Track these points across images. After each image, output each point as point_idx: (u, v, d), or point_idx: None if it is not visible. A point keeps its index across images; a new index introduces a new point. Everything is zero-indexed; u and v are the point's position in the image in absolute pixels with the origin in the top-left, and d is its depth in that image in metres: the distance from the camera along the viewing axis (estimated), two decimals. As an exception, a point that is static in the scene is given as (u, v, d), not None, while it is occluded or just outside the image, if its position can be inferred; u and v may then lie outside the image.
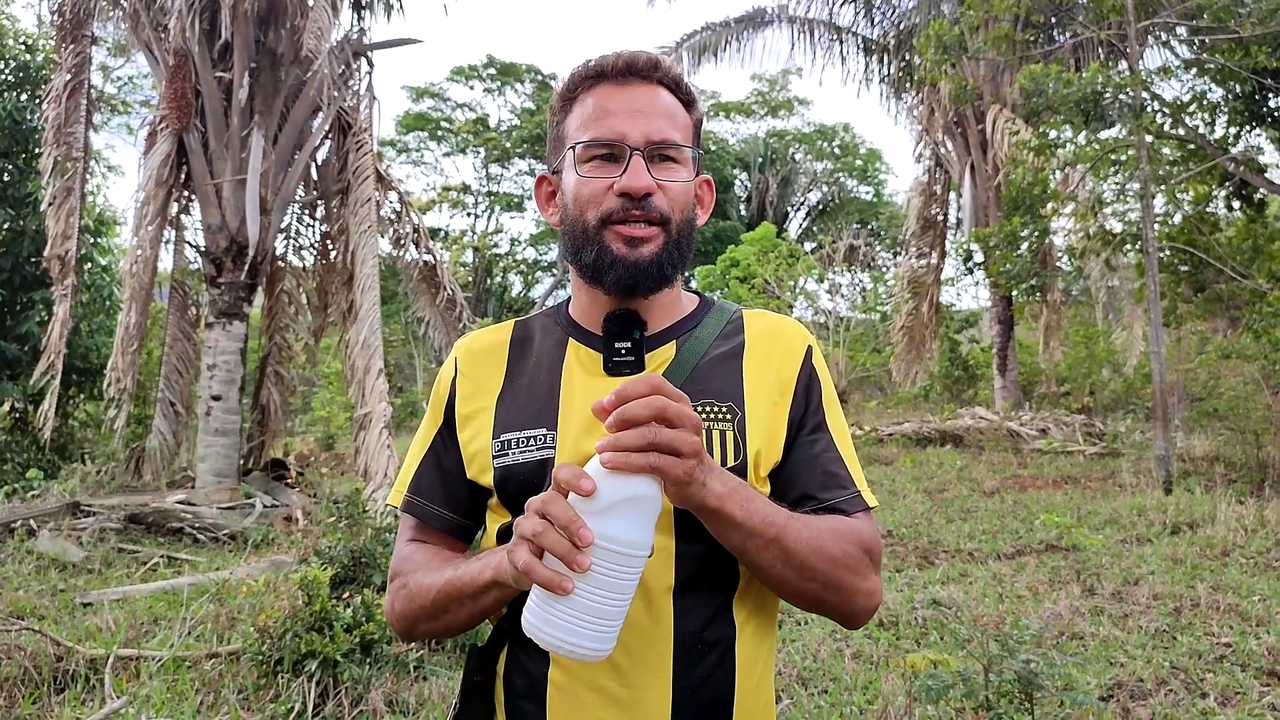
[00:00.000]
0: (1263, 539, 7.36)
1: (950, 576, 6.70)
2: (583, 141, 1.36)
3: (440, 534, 1.48)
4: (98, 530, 8.32)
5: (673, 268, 1.37)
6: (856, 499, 1.38)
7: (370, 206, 10.49)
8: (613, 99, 1.37)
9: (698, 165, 1.44)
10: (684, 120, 1.41)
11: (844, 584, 1.31)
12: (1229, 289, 15.88)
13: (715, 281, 22.83)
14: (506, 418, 1.39)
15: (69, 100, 10.82)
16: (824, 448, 1.40)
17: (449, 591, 1.31)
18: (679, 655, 1.28)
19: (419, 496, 1.48)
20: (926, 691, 3.53)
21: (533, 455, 1.34)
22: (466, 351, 1.49)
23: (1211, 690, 4.38)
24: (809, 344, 1.46)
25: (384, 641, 4.60)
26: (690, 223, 1.40)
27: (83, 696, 4.49)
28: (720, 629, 1.32)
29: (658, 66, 1.39)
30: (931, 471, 12.19)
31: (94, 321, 13.23)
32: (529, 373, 1.43)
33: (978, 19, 13.35)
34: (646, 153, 1.34)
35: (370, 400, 9.59)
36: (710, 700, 1.31)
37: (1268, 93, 13.43)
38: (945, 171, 19.29)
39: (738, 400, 1.37)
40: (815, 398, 1.43)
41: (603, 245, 1.35)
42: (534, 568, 1.08)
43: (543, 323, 1.51)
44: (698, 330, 1.44)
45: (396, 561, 1.47)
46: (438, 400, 1.49)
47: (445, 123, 36.67)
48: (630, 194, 1.33)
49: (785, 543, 1.24)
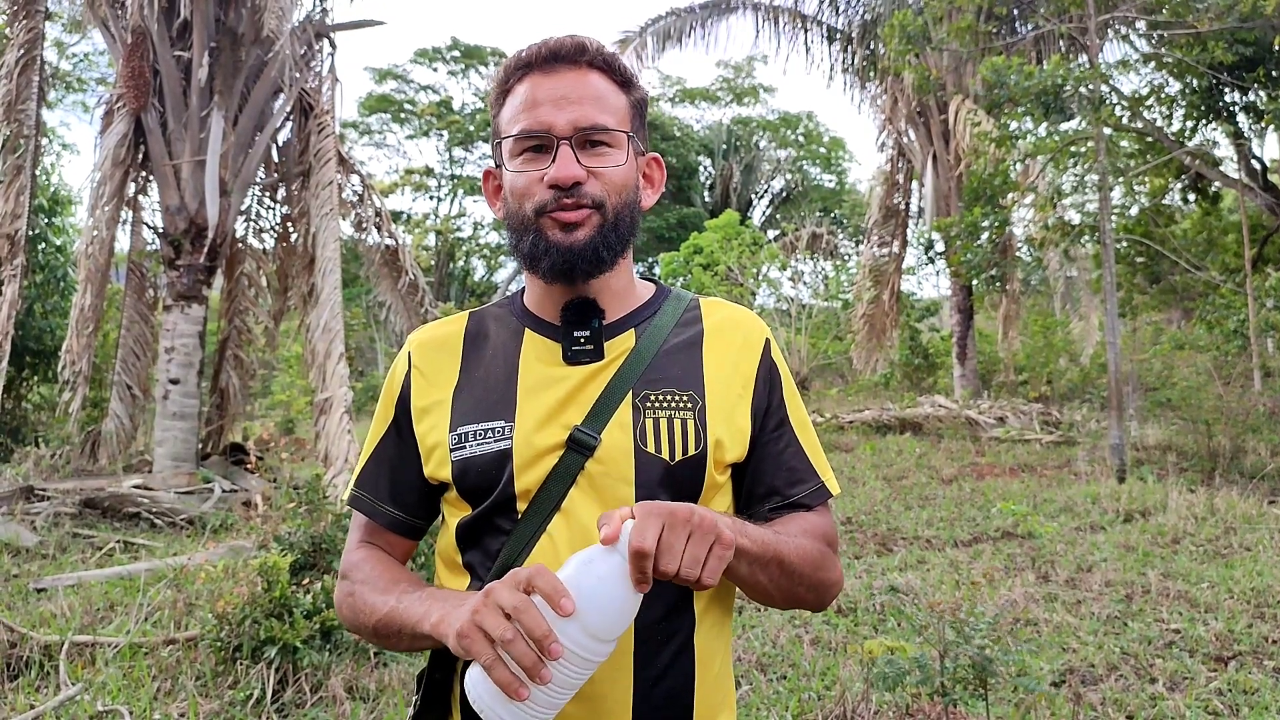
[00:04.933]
0: (1212, 527, 7.51)
1: (908, 563, 6.78)
2: (512, 135, 1.36)
3: (388, 532, 1.48)
4: (52, 515, 8.21)
5: (609, 250, 1.36)
6: (820, 490, 1.43)
7: (332, 189, 10.39)
8: (540, 88, 1.35)
9: (641, 144, 1.43)
10: (616, 103, 1.38)
11: (822, 581, 1.37)
12: (1183, 281, 16.17)
13: (679, 268, 22.83)
14: (463, 411, 1.39)
15: (20, 77, 10.60)
16: (788, 443, 1.43)
17: (391, 622, 1.31)
18: (639, 646, 1.29)
19: (365, 493, 1.48)
20: (883, 678, 3.58)
21: (490, 447, 1.34)
22: (420, 345, 1.48)
23: (1160, 675, 4.47)
24: (766, 336, 1.47)
25: (344, 628, 4.58)
26: (630, 205, 1.39)
27: (37, 683, 4.44)
28: (680, 619, 1.32)
29: (584, 50, 1.37)
30: (891, 459, 12.31)
31: (48, 303, 13.00)
32: (485, 364, 1.43)
33: (941, 10, 13.44)
34: (575, 140, 1.33)
35: (331, 385, 9.52)
36: (671, 690, 1.32)
37: (1224, 87, 13.64)
38: (908, 161, 19.41)
39: (698, 389, 1.37)
40: (777, 392, 1.44)
41: (539, 232, 1.35)
42: (494, 669, 1.05)
43: (497, 314, 1.50)
44: (656, 318, 1.44)
45: (345, 565, 1.47)
46: (389, 396, 1.48)
47: (408, 105, 36.38)
48: (559, 185, 1.32)
49: (783, 559, 1.29)
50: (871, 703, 4.09)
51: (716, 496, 1.39)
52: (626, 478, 1.31)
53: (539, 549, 1.30)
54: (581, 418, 1.33)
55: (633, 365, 1.37)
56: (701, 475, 1.34)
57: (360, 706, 4.17)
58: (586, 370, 1.37)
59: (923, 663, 3.60)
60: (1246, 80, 12.71)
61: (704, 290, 20.88)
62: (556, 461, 1.32)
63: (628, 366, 1.37)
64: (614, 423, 1.33)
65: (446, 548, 1.43)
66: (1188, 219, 18.88)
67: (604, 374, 1.37)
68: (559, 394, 1.36)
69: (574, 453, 1.31)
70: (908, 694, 4.11)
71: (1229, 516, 7.83)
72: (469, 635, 1.08)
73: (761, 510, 1.40)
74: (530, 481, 1.32)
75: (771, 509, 1.40)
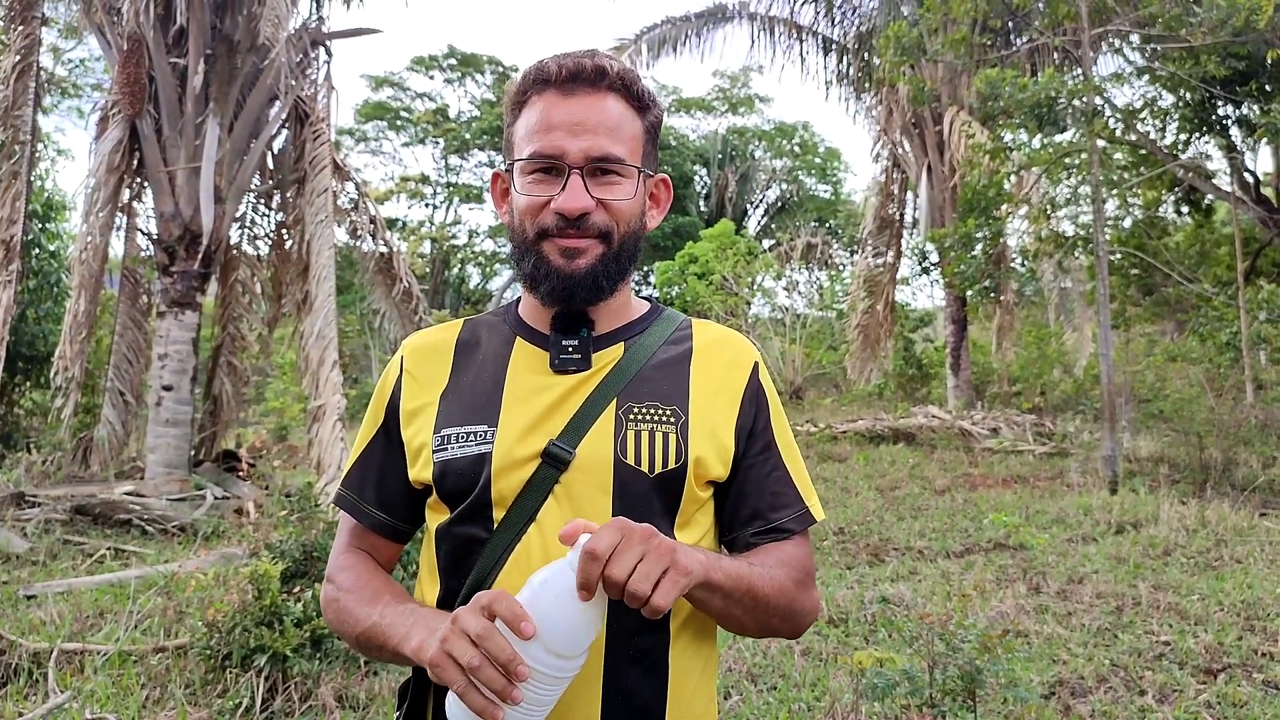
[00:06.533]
0: (1203, 539, 7.52)
1: (900, 574, 6.78)
2: (524, 158, 1.36)
3: (373, 534, 1.49)
4: (43, 521, 8.18)
5: (609, 280, 1.37)
6: (803, 516, 1.43)
7: (327, 197, 10.39)
8: (556, 110, 1.35)
9: (651, 169, 1.44)
10: (631, 130, 1.38)
11: (795, 612, 1.38)
12: (1176, 293, 16.20)
13: (673, 277, 22.84)
14: (448, 413, 1.40)
15: (17, 82, 10.59)
16: (773, 466, 1.43)
17: (374, 637, 1.33)
18: (610, 661, 1.29)
19: (352, 494, 1.49)
20: (873, 689, 3.58)
21: (471, 450, 1.35)
22: (412, 350, 1.50)
23: (1150, 688, 4.48)
24: (755, 359, 1.48)
25: (334, 636, 4.57)
26: (634, 234, 1.40)
27: (26, 691, 4.42)
28: (652, 636, 1.32)
29: (605, 74, 1.36)
30: (884, 469, 12.32)
31: (42, 308, 12.97)
32: (474, 370, 1.44)
33: (936, 22, 13.48)
34: (586, 170, 1.33)
35: (324, 392, 9.51)
36: (640, 707, 1.32)
37: (1217, 101, 13.70)
38: (902, 172, 19.46)
39: (682, 404, 1.38)
40: (764, 415, 1.44)
41: (540, 255, 1.36)
42: (467, 694, 1.09)
43: (491, 322, 1.51)
44: (646, 334, 1.44)
45: (331, 568, 1.48)
46: (379, 399, 1.49)
47: (404, 112, 36.37)
48: (566, 215, 1.33)
49: (757, 592, 1.30)
50: (861, 714, 4.09)
51: (697, 513, 1.39)
52: (605, 488, 1.32)
53: (514, 560, 1.31)
54: (563, 427, 1.34)
55: (618, 377, 1.38)
56: (680, 489, 1.34)
57: (350, 715, 4.17)
58: (573, 380, 1.38)
59: (912, 674, 3.61)
60: (1239, 94, 12.78)
61: (699, 299, 20.92)
62: (533, 473, 1.32)
63: (613, 377, 1.38)
64: (595, 433, 1.33)
65: (428, 554, 1.44)
66: (1181, 231, 18.94)
67: (588, 384, 1.37)
68: (544, 402, 1.36)
69: (549, 466, 1.32)
70: (897, 705, 4.11)
71: (1220, 529, 7.85)
72: (440, 664, 1.11)
73: (744, 534, 1.40)
74: (506, 489, 1.32)
75: (754, 533, 1.40)
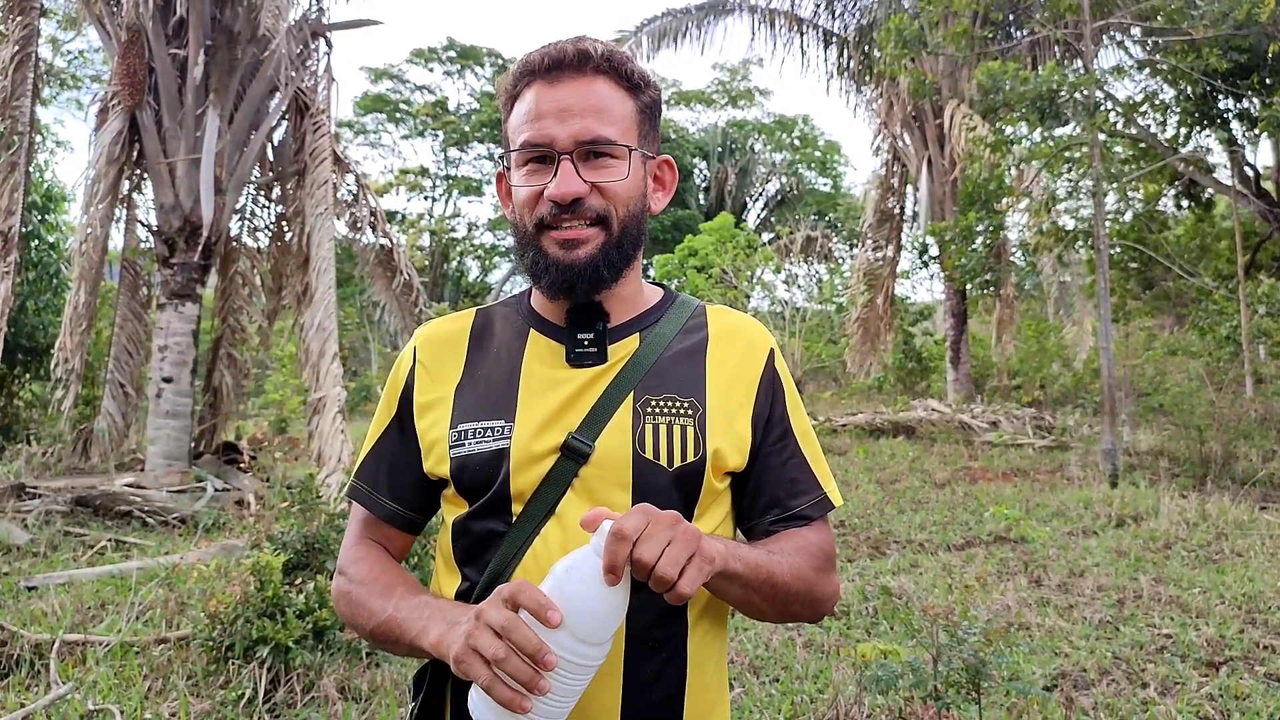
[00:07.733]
0: (1204, 532, 7.53)
1: (901, 567, 6.78)
2: (515, 149, 1.35)
3: (385, 525, 1.47)
4: (43, 513, 8.18)
5: (611, 269, 1.35)
6: (822, 502, 1.42)
7: (327, 189, 10.37)
8: (543, 98, 1.33)
9: (650, 149, 1.42)
10: (621, 111, 1.36)
11: (816, 598, 1.36)
12: (1176, 286, 16.21)
13: (673, 270, 22.81)
14: (464, 408, 1.38)
15: (15, 73, 10.55)
16: (791, 454, 1.42)
17: (389, 630, 1.31)
18: (630, 652, 1.29)
19: (365, 485, 1.48)
20: (876, 681, 3.58)
21: (488, 446, 1.34)
22: (426, 340, 1.48)
23: (1152, 680, 4.48)
24: (771, 346, 1.46)
25: (336, 628, 4.57)
26: (636, 216, 1.38)
27: (27, 682, 4.42)
28: (671, 626, 1.32)
29: (588, 57, 1.34)
30: (884, 462, 12.32)
31: (41, 300, 12.94)
32: (488, 363, 1.42)
33: (937, 14, 13.46)
34: (576, 154, 1.31)
35: (324, 384, 9.50)
36: (660, 698, 1.31)
37: (1217, 94, 13.69)
38: (903, 165, 19.43)
39: (699, 396, 1.37)
40: (780, 402, 1.43)
41: (539, 249, 1.35)
42: (493, 688, 1.07)
43: (503, 312, 1.49)
44: (660, 324, 1.43)
45: (343, 560, 1.46)
46: (393, 390, 1.47)
47: (404, 105, 36.34)
48: (559, 201, 1.31)
49: (775, 580, 1.28)
50: (864, 706, 4.09)
51: (714, 504, 1.38)
52: (624, 483, 1.31)
53: (532, 553, 1.30)
54: (580, 421, 1.33)
55: (634, 369, 1.37)
56: (700, 482, 1.33)
57: (352, 707, 4.16)
58: (589, 373, 1.37)
59: (916, 666, 3.61)
60: (1240, 87, 12.75)
61: (698, 293, 20.88)
62: (551, 466, 1.31)
63: (629, 370, 1.36)
64: (613, 427, 1.32)
65: (445, 545, 1.43)
66: (1181, 225, 18.94)
67: (605, 377, 1.36)
68: (560, 396, 1.35)
69: (568, 459, 1.31)
70: (901, 697, 4.11)
71: (1221, 522, 7.86)
72: (465, 659, 1.09)
73: (763, 522, 1.40)
74: (525, 483, 1.32)
75: (773, 521, 1.39)
